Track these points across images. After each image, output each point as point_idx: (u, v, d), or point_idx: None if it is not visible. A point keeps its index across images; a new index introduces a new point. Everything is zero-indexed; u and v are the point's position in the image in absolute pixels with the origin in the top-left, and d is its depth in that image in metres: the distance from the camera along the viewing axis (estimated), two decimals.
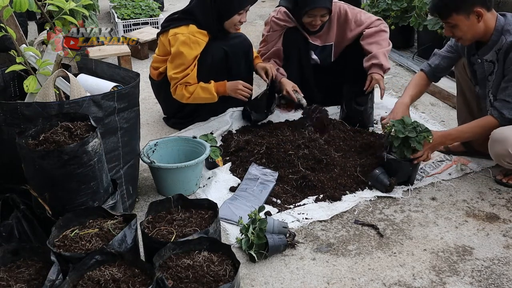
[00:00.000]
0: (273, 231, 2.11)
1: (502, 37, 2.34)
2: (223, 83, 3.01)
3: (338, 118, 3.21)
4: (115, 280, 1.55)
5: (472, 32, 2.36)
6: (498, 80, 2.43)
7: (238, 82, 3.02)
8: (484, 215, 2.33)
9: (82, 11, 2.05)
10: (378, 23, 3.24)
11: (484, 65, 2.47)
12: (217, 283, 1.61)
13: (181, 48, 2.88)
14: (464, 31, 2.35)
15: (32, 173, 1.77)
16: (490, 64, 2.45)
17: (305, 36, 3.24)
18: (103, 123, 2.04)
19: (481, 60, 2.47)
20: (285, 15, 3.20)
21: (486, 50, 2.42)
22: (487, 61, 2.45)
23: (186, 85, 2.95)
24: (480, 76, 2.52)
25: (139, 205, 2.47)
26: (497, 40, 2.36)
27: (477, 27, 2.34)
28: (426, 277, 1.97)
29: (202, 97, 2.98)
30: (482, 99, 2.59)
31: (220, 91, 3.00)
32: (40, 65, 1.98)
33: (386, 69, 3.11)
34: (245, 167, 2.67)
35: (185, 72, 2.92)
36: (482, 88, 2.55)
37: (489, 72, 2.47)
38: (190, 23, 2.92)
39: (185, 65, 2.90)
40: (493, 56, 2.41)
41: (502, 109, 2.37)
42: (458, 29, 2.35)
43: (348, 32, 3.26)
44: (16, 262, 1.64)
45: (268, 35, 3.29)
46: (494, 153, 2.40)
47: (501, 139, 2.33)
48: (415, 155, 2.43)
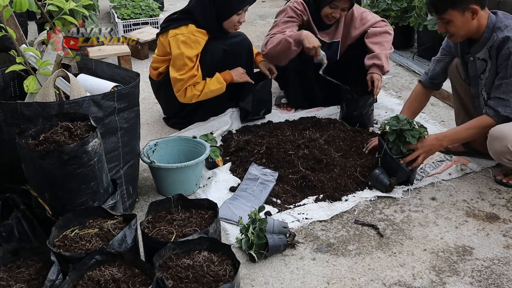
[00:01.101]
0: (273, 231, 2.11)
1: (493, 34, 2.35)
2: (227, 72, 3.05)
3: (338, 118, 3.21)
4: (115, 280, 1.55)
5: (465, 29, 2.36)
6: (491, 77, 2.43)
7: (239, 68, 3.09)
8: (484, 215, 2.33)
9: (82, 11, 2.05)
10: (383, 24, 3.25)
11: (477, 63, 2.47)
12: (217, 283, 1.61)
13: (182, 49, 2.88)
14: (458, 27, 2.35)
15: (32, 173, 1.77)
16: (482, 62, 2.45)
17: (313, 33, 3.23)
18: (103, 123, 2.04)
19: (473, 58, 2.47)
20: (302, 5, 3.20)
21: (478, 48, 2.42)
22: (479, 59, 2.45)
23: (195, 85, 2.95)
24: (472, 74, 2.52)
25: (139, 205, 2.47)
26: (489, 38, 2.37)
27: (470, 24, 2.34)
28: (426, 277, 1.97)
29: (212, 90, 2.99)
30: (475, 98, 2.58)
31: (227, 78, 3.03)
32: (40, 65, 1.98)
33: (385, 71, 3.14)
34: (245, 167, 2.67)
35: (191, 73, 2.91)
36: (475, 87, 2.55)
37: (481, 70, 2.47)
38: (189, 23, 2.92)
39: (189, 65, 2.90)
40: (485, 54, 2.42)
41: (497, 107, 2.37)
42: (452, 25, 2.35)
43: (353, 30, 3.27)
44: (16, 262, 1.63)
45: (281, 19, 3.20)
46: (493, 151, 2.39)
47: (500, 136, 2.33)
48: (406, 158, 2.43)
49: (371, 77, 3.10)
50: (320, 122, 3.11)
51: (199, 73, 2.93)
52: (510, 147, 2.29)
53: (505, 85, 2.34)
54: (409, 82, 3.95)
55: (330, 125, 3.05)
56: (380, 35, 3.17)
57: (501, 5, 3.92)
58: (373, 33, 3.18)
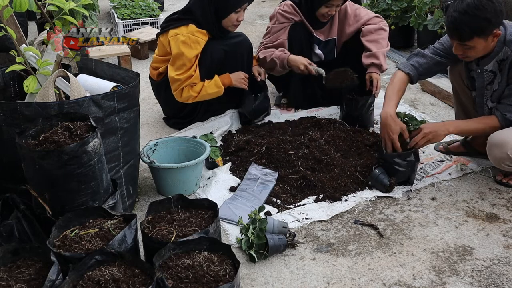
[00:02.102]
0: (273, 231, 2.11)
1: (505, 47, 2.31)
2: (226, 75, 3.05)
3: (338, 118, 3.21)
4: (115, 280, 1.55)
5: (484, 52, 2.32)
6: (500, 90, 2.41)
7: (240, 72, 3.10)
8: (484, 215, 2.33)
9: (82, 11, 2.05)
10: (377, 20, 3.24)
11: (484, 75, 2.44)
12: (217, 283, 1.61)
13: (182, 49, 2.88)
14: (479, 52, 2.30)
15: (32, 173, 1.77)
16: (490, 74, 2.42)
17: (308, 32, 3.23)
18: (103, 123, 2.04)
19: (481, 70, 2.43)
20: (291, 8, 3.19)
21: (487, 61, 2.39)
22: (487, 71, 2.42)
23: (192, 86, 2.95)
24: (479, 85, 2.49)
25: (139, 205, 2.47)
26: (499, 51, 2.33)
27: (489, 46, 2.29)
28: (426, 277, 1.97)
29: (210, 93, 3.00)
30: (479, 107, 2.55)
31: (225, 82, 3.04)
32: (40, 65, 1.98)
33: (384, 70, 3.14)
34: (245, 167, 2.67)
35: (188, 73, 2.91)
36: (480, 97, 2.52)
37: (488, 81, 2.45)
38: (189, 23, 2.92)
39: (187, 65, 2.90)
40: (494, 66, 2.39)
41: (504, 111, 2.37)
42: (473, 51, 2.28)
43: (347, 27, 3.27)
44: (16, 262, 1.63)
45: (273, 26, 3.24)
46: (493, 157, 2.40)
47: (500, 143, 2.33)
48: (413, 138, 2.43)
49: (370, 76, 3.10)
50: (320, 122, 3.11)
51: (196, 74, 2.93)
52: (510, 154, 2.30)
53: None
54: None
55: (330, 125, 3.05)
56: (376, 32, 3.16)
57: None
58: (368, 30, 3.17)
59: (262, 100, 3.20)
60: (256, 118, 3.21)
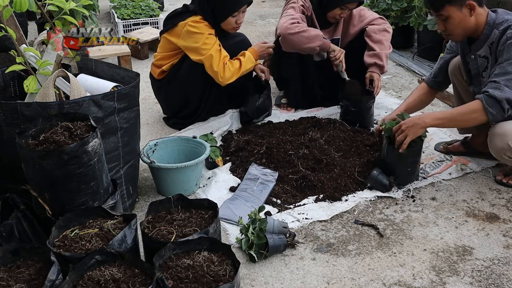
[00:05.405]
0: (273, 231, 2.11)
1: (494, 30, 2.35)
2: (251, 49, 3.11)
3: (338, 118, 3.22)
4: (115, 280, 1.55)
5: (463, 26, 2.36)
6: None
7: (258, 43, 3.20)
8: (484, 215, 2.33)
9: (82, 11, 2.05)
10: (382, 21, 3.26)
11: (478, 61, 2.46)
12: (217, 283, 1.61)
13: (199, 30, 2.88)
14: (456, 24, 2.35)
15: (32, 173, 1.77)
16: (484, 60, 2.44)
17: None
18: (103, 123, 2.04)
19: (474, 56, 2.46)
20: (307, 1, 3.19)
21: (478, 45, 2.42)
22: (480, 57, 2.44)
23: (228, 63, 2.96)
24: (474, 72, 2.51)
25: (139, 205, 2.47)
26: (489, 34, 2.36)
27: (468, 20, 2.34)
28: (426, 277, 1.97)
29: (248, 68, 3.06)
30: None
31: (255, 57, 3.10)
32: (40, 65, 1.98)
33: (384, 71, 3.18)
34: (245, 167, 2.67)
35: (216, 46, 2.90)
36: (477, 86, 2.52)
37: (483, 68, 2.46)
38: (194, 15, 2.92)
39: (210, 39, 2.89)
40: (486, 51, 2.41)
41: (487, 88, 2.29)
42: (450, 22, 2.35)
43: (351, 27, 3.29)
44: (16, 262, 1.63)
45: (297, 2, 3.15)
46: (494, 147, 2.38)
47: (502, 133, 2.32)
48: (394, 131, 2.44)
49: (370, 75, 3.11)
50: (320, 122, 3.11)
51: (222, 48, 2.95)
52: (511, 144, 2.29)
53: (499, 69, 2.30)
54: (409, 82, 3.95)
55: (330, 125, 3.05)
56: (380, 33, 3.18)
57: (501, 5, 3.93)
58: (372, 30, 3.19)
59: (264, 99, 3.20)
60: (258, 117, 3.21)
